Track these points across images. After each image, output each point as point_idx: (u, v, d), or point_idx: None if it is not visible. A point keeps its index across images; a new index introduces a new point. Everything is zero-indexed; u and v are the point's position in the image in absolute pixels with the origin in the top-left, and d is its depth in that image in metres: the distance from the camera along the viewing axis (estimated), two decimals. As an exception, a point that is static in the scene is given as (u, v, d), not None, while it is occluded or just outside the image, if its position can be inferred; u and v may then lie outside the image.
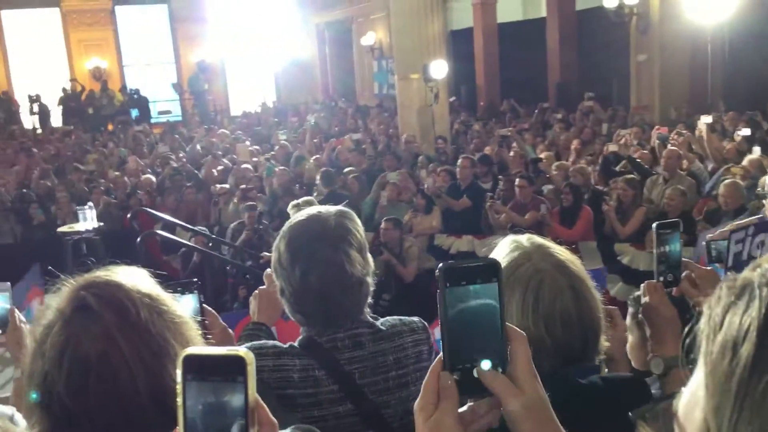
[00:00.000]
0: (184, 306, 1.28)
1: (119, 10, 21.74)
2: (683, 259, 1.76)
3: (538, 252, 1.45)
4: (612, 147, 8.55)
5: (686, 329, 0.80)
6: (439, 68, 10.92)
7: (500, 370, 0.88)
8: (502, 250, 1.50)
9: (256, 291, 2.09)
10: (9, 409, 1.74)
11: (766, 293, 0.66)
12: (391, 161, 9.25)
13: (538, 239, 1.52)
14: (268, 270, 2.03)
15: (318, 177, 8.08)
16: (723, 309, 0.68)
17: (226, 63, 22.98)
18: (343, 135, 12.50)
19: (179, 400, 0.76)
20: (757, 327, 0.64)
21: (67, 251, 6.39)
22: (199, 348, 0.82)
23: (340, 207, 1.76)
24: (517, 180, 6.96)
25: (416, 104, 11.40)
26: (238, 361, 0.76)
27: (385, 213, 7.16)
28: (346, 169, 8.86)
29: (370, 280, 1.72)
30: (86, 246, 6.56)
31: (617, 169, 7.59)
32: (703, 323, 0.70)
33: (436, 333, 1.27)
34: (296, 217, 1.72)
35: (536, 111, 12.84)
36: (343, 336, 1.64)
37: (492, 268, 0.88)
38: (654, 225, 1.75)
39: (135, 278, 1.11)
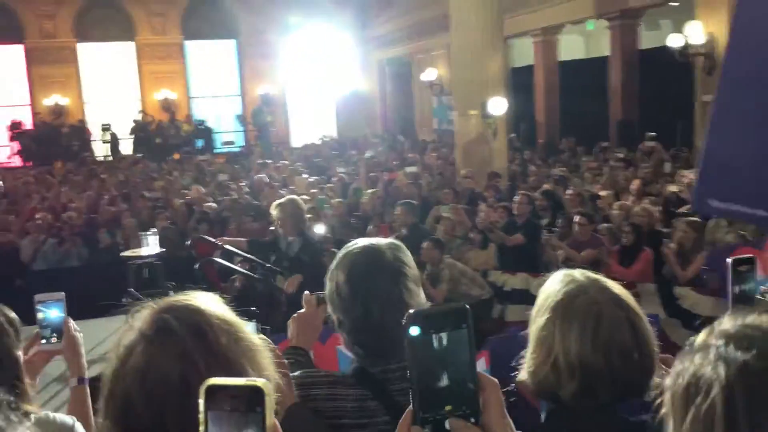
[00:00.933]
0: None
1: (189, 44, 22.62)
2: None
3: (594, 286, 1.48)
4: (674, 188, 8.38)
5: None
6: (499, 105, 10.94)
7: (473, 420, 0.84)
8: (555, 283, 1.52)
9: (295, 315, 2.09)
10: (69, 419, 1.80)
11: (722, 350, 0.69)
12: (448, 196, 9.27)
13: (592, 274, 1.53)
14: (307, 293, 2.06)
15: (397, 210, 8.02)
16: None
17: (288, 96, 23.56)
18: (401, 169, 12.60)
19: (201, 429, 0.78)
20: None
21: (129, 275, 6.58)
22: (221, 378, 0.83)
23: (391, 240, 1.78)
24: (577, 217, 6.87)
25: (474, 140, 11.42)
26: (257, 392, 0.78)
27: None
28: (400, 202, 8.91)
29: None
30: (148, 271, 6.75)
31: (679, 210, 7.43)
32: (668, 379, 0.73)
33: (480, 364, 1.27)
34: (351, 248, 1.73)
35: (596, 149, 12.71)
36: (395, 368, 1.65)
37: (461, 314, 0.85)
38: (730, 261, 1.68)
39: (213, 304, 1.13)
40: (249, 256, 6.80)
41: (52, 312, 2.03)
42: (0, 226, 8.93)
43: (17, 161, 19.74)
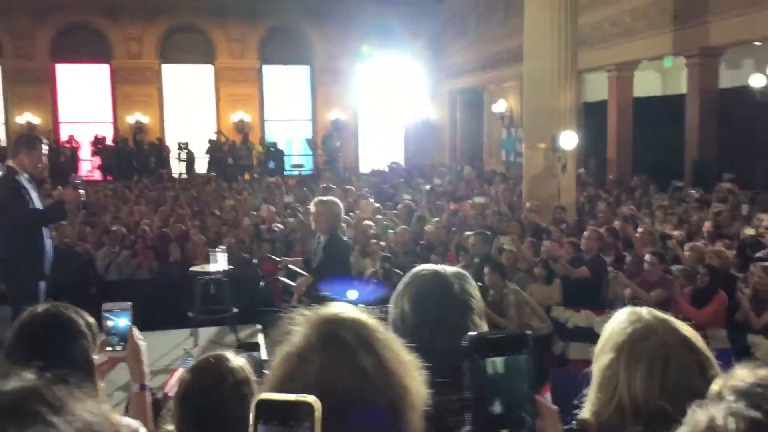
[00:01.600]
0: None
1: (266, 69, 23.29)
2: None
3: (663, 326, 1.44)
4: (750, 231, 8.07)
5: None
6: (569, 139, 10.81)
7: None
8: (621, 320, 1.48)
9: None
10: (135, 422, 1.87)
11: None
12: (513, 228, 9.18)
13: (660, 313, 1.49)
14: None
15: (471, 239, 7.94)
16: None
17: (358, 122, 23.91)
18: (468, 198, 12.56)
19: None
20: None
21: (197, 290, 6.76)
22: (272, 393, 0.84)
23: (457, 269, 1.77)
24: (648, 256, 6.69)
25: (542, 174, 11.30)
26: (307, 408, 0.80)
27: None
28: (467, 233, 8.87)
29: None
30: (214, 286, 6.92)
31: (756, 255, 7.15)
32: None
33: (547, 398, 1.26)
34: (417, 275, 1.71)
35: (670, 188, 12.39)
36: (455, 399, 1.64)
37: (521, 341, 0.86)
38: None
39: (368, 317, 1.13)
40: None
41: (119, 320, 2.11)
42: (78, 236, 9.31)
43: (98, 175, 20.61)
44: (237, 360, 2.03)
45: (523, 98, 13.07)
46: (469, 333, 0.87)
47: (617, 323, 1.49)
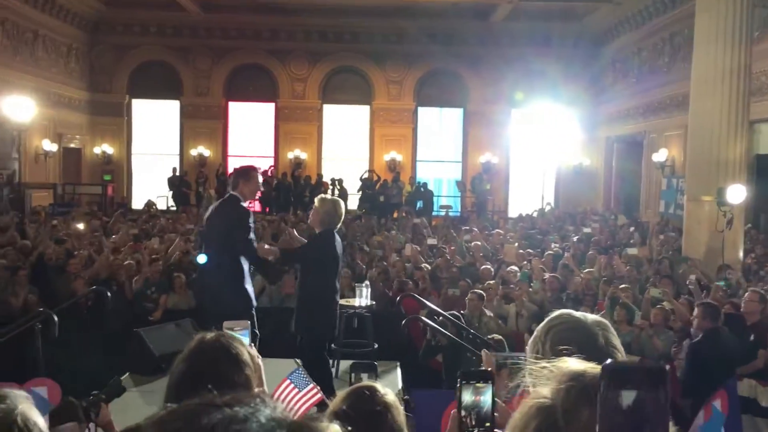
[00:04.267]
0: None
1: (421, 110, 23.82)
2: None
3: None
4: None
5: None
6: (737, 193, 10.10)
7: None
8: None
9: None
10: None
11: None
12: (667, 284, 8.65)
13: None
14: (487, 353, 2.02)
15: (696, 311, 7.34)
16: None
17: (510, 166, 23.73)
18: (620, 249, 12.01)
19: None
20: None
21: (340, 323, 6.93)
22: None
23: (598, 317, 1.69)
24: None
25: (705, 228, 10.61)
26: None
27: (646, 335, 6.67)
28: (622, 286, 8.48)
29: None
30: (357, 321, 7.07)
31: None
32: None
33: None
34: (557, 320, 1.68)
35: None
36: None
37: (657, 375, 0.80)
38: None
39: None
40: (453, 318, 6.85)
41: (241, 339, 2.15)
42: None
43: (257, 206, 21.86)
44: (389, 394, 2.06)
45: (687, 147, 12.41)
46: (607, 361, 0.83)
47: None
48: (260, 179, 6.03)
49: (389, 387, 5.98)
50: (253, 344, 2.16)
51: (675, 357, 6.61)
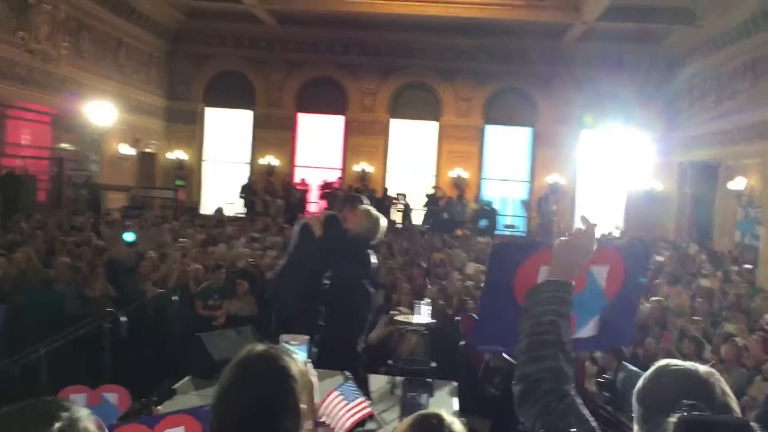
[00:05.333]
0: None
1: (489, 128, 23.68)
2: None
3: None
4: None
5: None
6: (819, 226, 9.63)
7: None
8: None
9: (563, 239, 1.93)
10: None
11: None
12: (740, 318, 8.31)
13: None
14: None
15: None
16: None
17: (577, 187, 23.29)
18: (689, 279, 11.61)
19: None
20: None
21: (399, 340, 6.89)
22: None
23: (708, 368, 1.57)
24: None
25: (783, 261, 10.16)
26: None
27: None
28: (694, 318, 8.20)
29: None
30: (416, 338, 7.02)
31: None
32: None
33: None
34: (665, 367, 1.56)
35: None
36: None
37: (744, 430, 0.73)
38: None
39: None
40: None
41: (297, 354, 2.11)
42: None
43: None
44: (455, 423, 2.01)
45: (766, 177, 11.93)
46: (684, 414, 0.78)
47: None
48: (367, 214, 6.00)
49: (444, 407, 5.91)
50: (310, 360, 2.16)
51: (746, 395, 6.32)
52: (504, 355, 5.79)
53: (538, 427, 1.65)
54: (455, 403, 6.60)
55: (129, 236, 5.72)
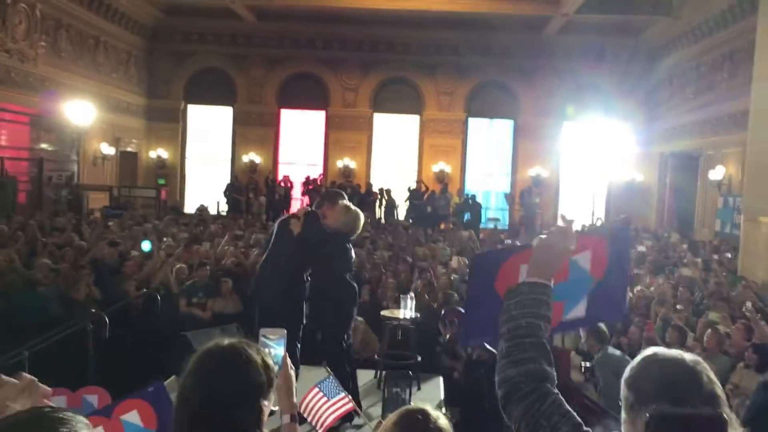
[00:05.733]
0: None
1: (471, 121, 23.74)
2: None
3: None
4: None
5: None
6: (797, 214, 9.76)
7: None
8: None
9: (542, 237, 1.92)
10: None
11: None
12: (722, 307, 8.40)
13: None
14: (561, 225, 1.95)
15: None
16: None
17: (560, 179, 23.43)
18: (671, 269, 11.73)
19: None
20: None
21: (385, 334, 6.93)
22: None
23: (694, 356, 1.56)
24: None
25: (762, 249, 10.28)
26: None
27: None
28: (678, 307, 8.28)
29: None
30: (401, 332, 7.05)
31: None
32: None
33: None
34: (653, 357, 1.55)
35: None
36: None
37: (716, 424, 0.72)
38: None
39: None
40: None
41: (273, 349, 2.12)
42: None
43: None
44: (441, 418, 2.02)
45: (745, 166, 12.07)
46: (655, 408, 0.77)
47: None
48: (346, 209, 6.00)
49: (430, 400, 5.93)
50: (288, 355, 2.15)
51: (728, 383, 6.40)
52: (487, 345, 5.81)
53: (523, 428, 1.67)
54: (441, 394, 6.64)
55: (146, 245, 5.63)
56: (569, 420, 1.64)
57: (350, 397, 5.00)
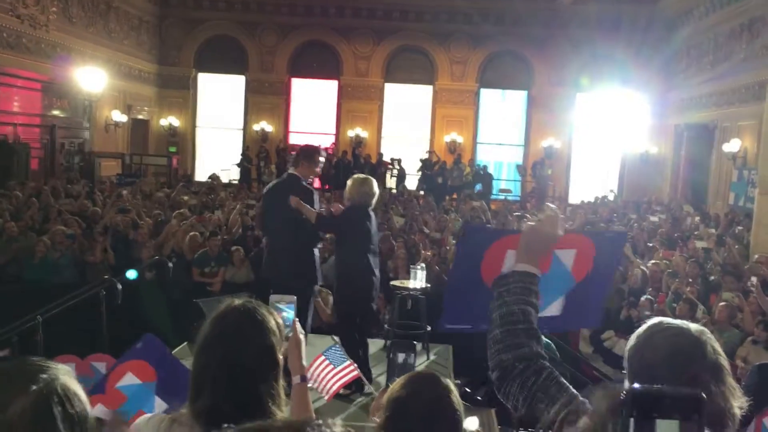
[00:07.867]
0: None
1: (484, 92, 23.52)
2: None
3: None
4: None
5: None
6: (813, 188, 9.65)
7: None
8: None
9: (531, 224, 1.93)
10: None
11: None
12: (731, 282, 8.36)
13: None
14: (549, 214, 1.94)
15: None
16: None
17: (573, 151, 23.26)
18: (682, 241, 11.67)
19: None
20: None
21: (395, 304, 6.96)
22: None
23: (700, 326, 1.56)
24: None
25: (777, 223, 10.20)
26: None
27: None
28: (689, 281, 8.26)
29: None
30: (411, 302, 7.08)
31: None
32: None
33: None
34: (658, 326, 1.54)
35: None
36: None
37: (693, 403, 0.72)
38: None
39: None
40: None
41: (285, 313, 2.18)
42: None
43: (317, 183, 22.04)
44: (449, 383, 2.05)
45: (761, 139, 11.92)
46: (633, 386, 0.75)
47: None
48: (322, 161, 6.06)
49: (441, 370, 5.97)
50: (298, 320, 2.20)
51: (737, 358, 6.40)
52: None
53: (521, 403, 1.70)
54: (451, 364, 6.68)
55: (132, 273, 5.62)
56: (566, 391, 1.65)
57: (356, 365, 5.04)
